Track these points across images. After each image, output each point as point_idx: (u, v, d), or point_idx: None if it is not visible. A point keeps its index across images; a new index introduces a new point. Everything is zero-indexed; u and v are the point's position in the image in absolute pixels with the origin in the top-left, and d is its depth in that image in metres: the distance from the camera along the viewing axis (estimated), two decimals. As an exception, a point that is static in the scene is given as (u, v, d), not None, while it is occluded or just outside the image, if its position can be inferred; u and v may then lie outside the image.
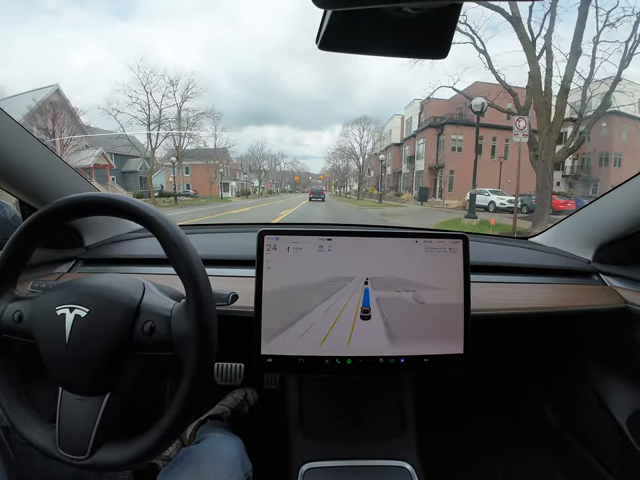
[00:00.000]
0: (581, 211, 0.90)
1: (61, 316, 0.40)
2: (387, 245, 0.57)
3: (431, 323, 0.57)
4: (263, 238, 0.56)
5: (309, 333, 0.55)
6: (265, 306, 0.55)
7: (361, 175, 27.61)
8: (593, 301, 0.74)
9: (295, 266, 0.55)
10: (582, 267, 0.84)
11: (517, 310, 0.67)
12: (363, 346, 0.55)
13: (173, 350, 0.42)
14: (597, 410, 0.81)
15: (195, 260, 0.42)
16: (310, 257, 0.55)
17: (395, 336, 0.55)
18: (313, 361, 0.55)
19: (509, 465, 0.93)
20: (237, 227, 1.05)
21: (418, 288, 0.56)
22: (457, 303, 0.57)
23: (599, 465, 0.82)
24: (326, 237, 0.56)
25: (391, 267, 0.56)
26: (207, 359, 0.41)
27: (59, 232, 0.73)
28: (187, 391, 0.40)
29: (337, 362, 0.55)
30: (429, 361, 0.57)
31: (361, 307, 0.55)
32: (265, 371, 0.56)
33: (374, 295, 0.55)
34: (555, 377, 0.98)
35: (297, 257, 0.55)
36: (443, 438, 0.90)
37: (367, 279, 0.55)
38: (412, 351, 0.56)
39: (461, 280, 0.57)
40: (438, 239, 0.57)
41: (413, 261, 0.57)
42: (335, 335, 0.55)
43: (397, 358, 0.56)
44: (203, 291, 0.41)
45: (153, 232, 0.43)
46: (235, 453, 0.60)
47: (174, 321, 0.42)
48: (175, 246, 0.41)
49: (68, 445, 0.40)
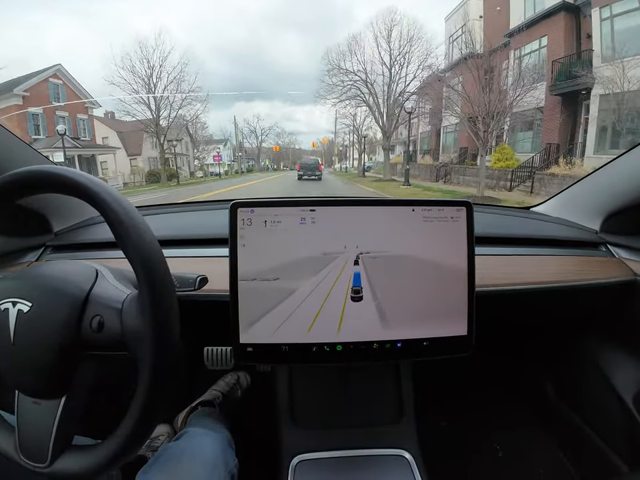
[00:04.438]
0: (588, 178, 0.84)
1: (4, 311, 0.35)
2: (379, 215, 0.49)
3: (431, 302, 0.50)
4: (236, 211, 0.48)
5: (293, 318, 0.48)
6: (241, 289, 0.48)
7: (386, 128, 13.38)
8: (600, 274, 0.69)
9: (273, 242, 0.48)
10: (589, 238, 0.79)
11: (526, 285, 0.61)
12: (354, 330, 0.49)
13: (126, 349, 0.35)
14: (600, 387, 0.78)
15: (148, 240, 0.34)
16: (291, 231, 0.48)
17: (390, 318, 0.49)
18: (298, 348, 0.49)
19: (510, 443, 0.91)
20: (208, 204, 0.96)
21: (415, 263, 0.49)
22: (460, 279, 0.50)
23: (601, 442, 0.79)
24: (308, 208, 0.48)
25: (384, 240, 0.49)
26: (165, 358, 0.34)
27: (21, 217, 0.65)
28: (145, 396, 0.34)
29: (326, 349, 0.49)
30: (428, 345, 0.51)
31: (352, 287, 0.48)
32: (245, 360, 0.50)
33: (365, 272, 0.48)
34: (556, 353, 0.95)
35: (275, 231, 0.48)
36: (443, 420, 0.87)
37: (357, 255, 0.48)
38: (409, 334, 0.50)
39: (465, 252, 0.51)
40: (438, 207, 0.50)
41: (409, 233, 0.49)
42: (323, 319, 0.48)
43: (392, 342, 0.50)
44: (156, 277, 0.34)
45: (98, 209, 0.35)
46: (216, 449, 0.56)
47: (125, 314, 0.36)
48: (122, 225, 0.34)
49: (29, 451, 0.37)
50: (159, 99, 13.42)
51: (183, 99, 14.08)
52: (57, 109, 11.78)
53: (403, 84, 13.75)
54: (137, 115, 13.38)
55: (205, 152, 20.28)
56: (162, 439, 0.89)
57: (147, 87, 13.47)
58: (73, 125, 12.50)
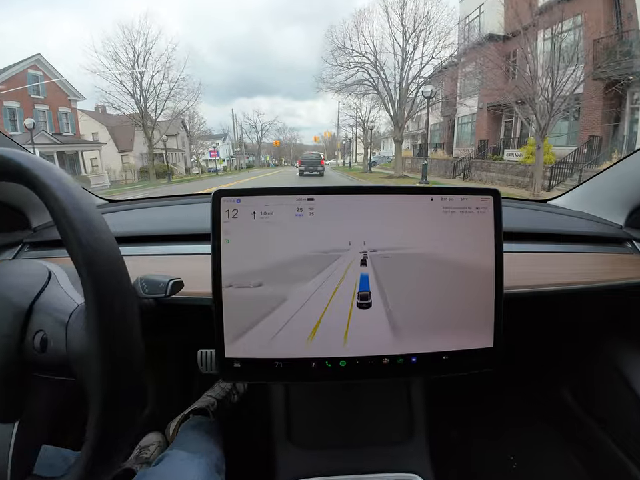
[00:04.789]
0: (611, 170, 0.77)
1: None
2: (391, 205, 0.41)
3: (451, 309, 0.42)
4: (220, 201, 0.40)
5: (289, 329, 0.40)
6: (226, 294, 0.40)
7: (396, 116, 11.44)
8: (631, 273, 0.62)
9: (264, 237, 0.40)
10: (613, 233, 0.72)
11: (560, 286, 0.54)
12: (361, 343, 0.41)
13: (72, 374, 0.28)
14: (623, 395, 0.71)
15: (98, 237, 0.26)
16: (284, 225, 0.40)
17: (403, 328, 0.41)
18: (294, 364, 0.41)
19: (524, 452, 0.84)
20: (196, 197, 0.88)
21: (434, 262, 0.41)
22: (486, 280, 0.43)
23: (622, 453, 0.73)
24: (306, 197, 0.40)
25: (397, 235, 0.41)
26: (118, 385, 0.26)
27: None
28: (96, 432, 0.26)
29: (328, 365, 0.41)
30: (447, 359, 0.43)
31: (358, 292, 0.40)
32: (232, 378, 0.42)
33: (375, 274, 0.40)
34: (575, 357, 0.88)
35: (266, 225, 0.39)
36: (453, 431, 0.80)
37: (364, 252, 0.40)
38: (426, 346, 0.42)
39: (491, 249, 0.43)
40: (461, 196, 0.42)
41: (427, 227, 0.41)
42: (324, 330, 0.40)
43: (406, 357, 0.42)
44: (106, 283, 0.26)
45: (41, 198, 0.27)
46: (200, 476, 0.48)
47: (71, 330, 0.28)
48: (67, 217, 0.25)
49: None
50: (146, 89, 12.11)
51: (171, 88, 12.68)
52: (36, 102, 10.67)
53: (417, 66, 11.47)
54: (122, 107, 12.12)
55: (203, 147, 19.58)
56: (152, 449, 0.82)
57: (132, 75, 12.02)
58: (54, 119, 11.34)
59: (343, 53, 12.16)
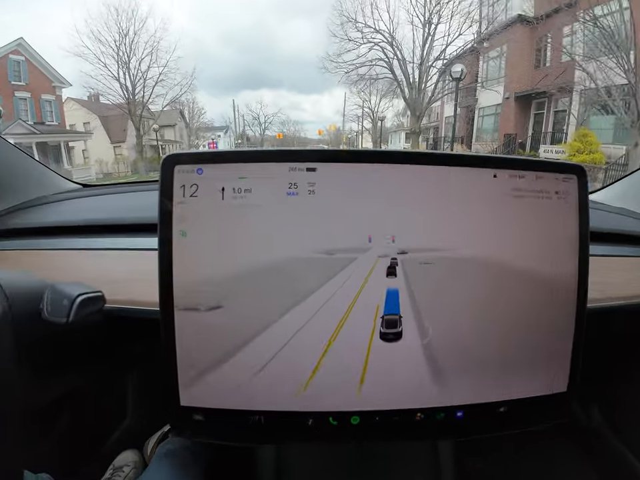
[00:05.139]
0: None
1: None
2: (434, 183, 0.27)
3: (517, 339, 0.29)
4: (172, 171, 0.25)
5: (274, 367, 0.26)
6: (180, 317, 0.26)
7: None
8: None
9: (237, 228, 0.26)
10: None
11: None
12: (384, 390, 0.27)
13: None
14: None
15: None
16: (269, 208, 0.26)
17: (447, 368, 0.27)
18: (282, 420, 0.27)
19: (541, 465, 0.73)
20: (141, 184, 0.77)
21: (496, 271, 0.27)
22: (566, 297, 0.29)
23: None
24: (304, 165, 0.25)
25: (443, 229, 0.27)
26: None
27: None
28: None
29: (332, 422, 0.27)
30: (506, 411, 0.29)
31: (382, 316, 0.26)
32: (190, 434, 0.29)
33: (408, 288, 0.26)
34: (609, 370, 0.77)
35: (241, 208, 0.25)
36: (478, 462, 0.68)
37: (392, 256, 0.26)
38: (478, 394, 0.28)
39: (574, 252, 0.29)
40: (536, 172, 0.28)
41: (488, 216, 0.27)
42: (329, 371, 0.26)
43: (449, 410, 0.28)
44: None
45: None
46: None
47: None
48: None
49: None
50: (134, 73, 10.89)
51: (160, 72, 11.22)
52: (16, 89, 9.71)
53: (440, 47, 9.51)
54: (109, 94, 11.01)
55: (204, 139, 19.16)
56: (127, 470, 0.69)
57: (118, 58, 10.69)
58: (36, 107, 10.28)
59: (354, 28, 9.99)
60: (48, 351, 0.32)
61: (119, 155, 13.11)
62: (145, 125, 12.37)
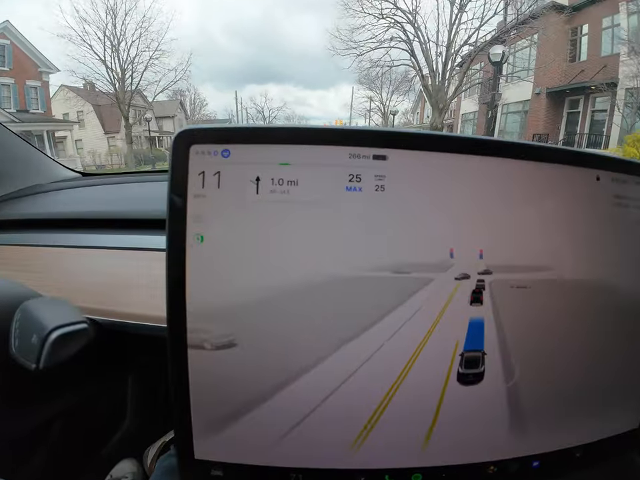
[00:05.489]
0: None
1: None
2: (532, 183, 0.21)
3: (612, 378, 0.23)
4: (188, 152, 0.18)
5: (319, 417, 0.20)
6: (194, 351, 0.19)
7: None
8: None
9: (277, 235, 0.19)
10: None
11: None
12: (455, 442, 0.22)
13: None
14: None
15: None
16: (322, 209, 0.19)
17: (531, 414, 0.22)
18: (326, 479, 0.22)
19: None
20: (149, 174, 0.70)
21: (604, 300, 0.22)
22: None
23: None
24: (372, 151, 0.19)
25: (539, 242, 0.21)
26: None
27: None
28: None
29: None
30: (582, 456, 0.25)
31: (462, 353, 0.20)
32: None
33: (496, 319, 0.20)
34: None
35: (283, 207, 0.19)
36: None
37: (479, 276, 0.20)
38: (555, 440, 0.23)
39: None
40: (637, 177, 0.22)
41: (593, 229, 0.21)
42: (389, 421, 0.21)
43: (525, 460, 0.23)
44: None
45: None
46: None
47: None
48: None
49: None
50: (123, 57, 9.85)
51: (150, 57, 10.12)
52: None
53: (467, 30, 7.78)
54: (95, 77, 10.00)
55: None
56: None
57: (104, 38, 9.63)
58: (20, 94, 9.51)
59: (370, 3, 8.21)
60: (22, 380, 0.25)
61: (112, 146, 12.35)
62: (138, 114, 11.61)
